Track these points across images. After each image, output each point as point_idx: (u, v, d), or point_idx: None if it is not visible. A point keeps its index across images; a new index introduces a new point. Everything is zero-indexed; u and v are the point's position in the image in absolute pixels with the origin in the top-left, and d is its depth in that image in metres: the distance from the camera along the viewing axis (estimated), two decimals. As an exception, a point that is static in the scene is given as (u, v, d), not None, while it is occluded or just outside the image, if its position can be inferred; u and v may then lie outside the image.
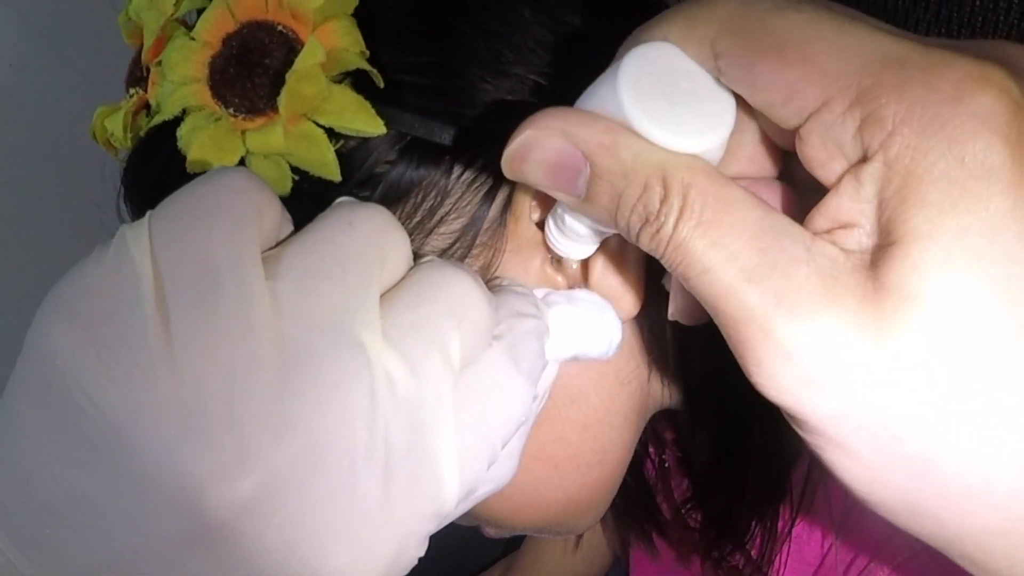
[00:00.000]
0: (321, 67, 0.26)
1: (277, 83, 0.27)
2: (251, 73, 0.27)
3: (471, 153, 0.29)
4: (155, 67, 0.29)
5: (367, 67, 0.27)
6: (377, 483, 0.20)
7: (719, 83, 0.20)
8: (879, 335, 0.17)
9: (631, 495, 0.50)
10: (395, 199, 0.28)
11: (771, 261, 0.18)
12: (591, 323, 0.27)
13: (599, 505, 0.37)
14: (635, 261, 0.29)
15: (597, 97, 0.21)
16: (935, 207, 0.17)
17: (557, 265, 0.30)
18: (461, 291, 0.22)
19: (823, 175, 0.19)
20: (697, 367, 0.36)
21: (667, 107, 0.20)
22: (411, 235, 0.25)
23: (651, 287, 0.29)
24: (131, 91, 0.31)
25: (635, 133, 0.20)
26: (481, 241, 0.29)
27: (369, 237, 0.22)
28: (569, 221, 0.25)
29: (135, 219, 0.24)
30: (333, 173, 0.27)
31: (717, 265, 0.18)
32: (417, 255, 0.24)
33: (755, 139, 0.22)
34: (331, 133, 0.27)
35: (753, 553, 0.43)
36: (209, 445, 0.19)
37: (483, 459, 0.22)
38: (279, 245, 0.22)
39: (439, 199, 0.29)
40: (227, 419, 0.19)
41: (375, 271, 0.21)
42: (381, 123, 0.27)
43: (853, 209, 0.18)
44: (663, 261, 0.20)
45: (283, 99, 0.26)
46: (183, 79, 0.28)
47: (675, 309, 0.25)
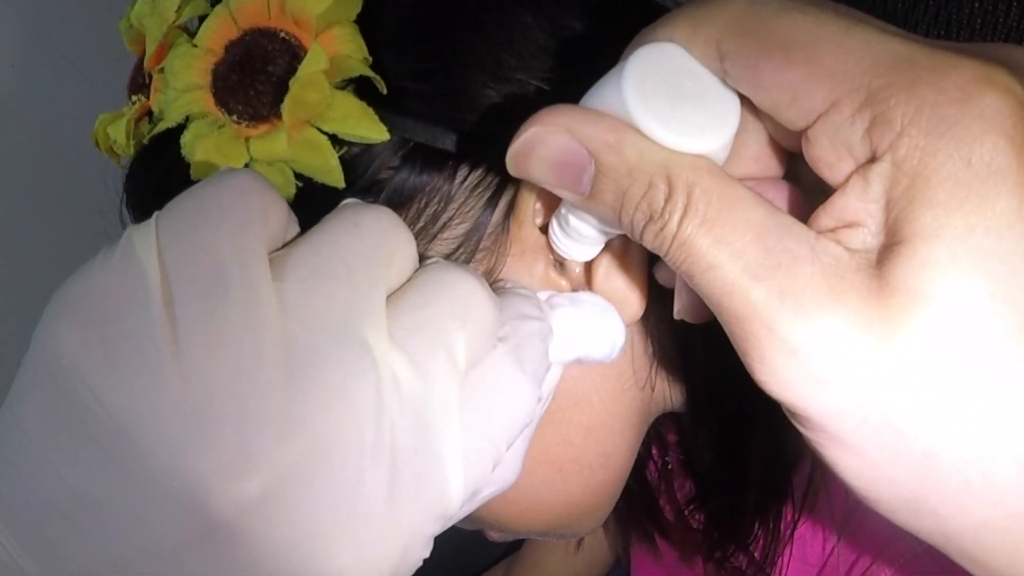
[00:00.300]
0: (324, 74, 0.26)
1: (280, 90, 0.27)
2: (254, 80, 0.27)
3: (474, 158, 0.29)
4: (158, 74, 0.29)
5: (370, 73, 0.27)
6: (382, 484, 0.20)
7: (724, 84, 0.20)
8: (884, 332, 0.17)
9: (633, 497, 0.50)
10: (398, 205, 0.28)
11: (775, 259, 0.18)
12: (595, 325, 0.27)
13: (602, 508, 0.37)
14: (638, 264, 0.29)
15: (602, 96, 0.21)
16: (942, 207, 0.17)
17: (560, 269, 0.30)
18: (466, 292, 0.22)
19: (830, 176, 0.19)
20: (699, 369, 0.36)
21: (672, 107, 0.20)
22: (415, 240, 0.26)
23: (654, 290, 0.29)
24: (133, 98, 0.31)
25: (640, 132, 0.20)
26: (484, 246, 0.29)
27: (375, 238, 0.22)
28: (573, 222, 0.25)
29: (137, 225, 0.24)
30: (337, 179, 0.27)
31: (721, 262, 0.18)
32: (423, 258, 0.24)
33: (760, 140, 0.22)
34: (334, 139, 0.27)
35: (756, 554, 0.43)
36: (215, 445, 0.19)
37: (488, 460, 0.22)
38: (286, 246, 0.22)
39: (442, 204, 0.29)
40: (233, 419, 0.19)
41: (381, 272, 0.21)
42: (384, 129, 0.27)
43: (859, 209, 0.18)
44: (667, 259, 0.20)
45: (287, 106, 0.26)
46: (186, 86, 0.28)
47: (680, 307, 0.25)
